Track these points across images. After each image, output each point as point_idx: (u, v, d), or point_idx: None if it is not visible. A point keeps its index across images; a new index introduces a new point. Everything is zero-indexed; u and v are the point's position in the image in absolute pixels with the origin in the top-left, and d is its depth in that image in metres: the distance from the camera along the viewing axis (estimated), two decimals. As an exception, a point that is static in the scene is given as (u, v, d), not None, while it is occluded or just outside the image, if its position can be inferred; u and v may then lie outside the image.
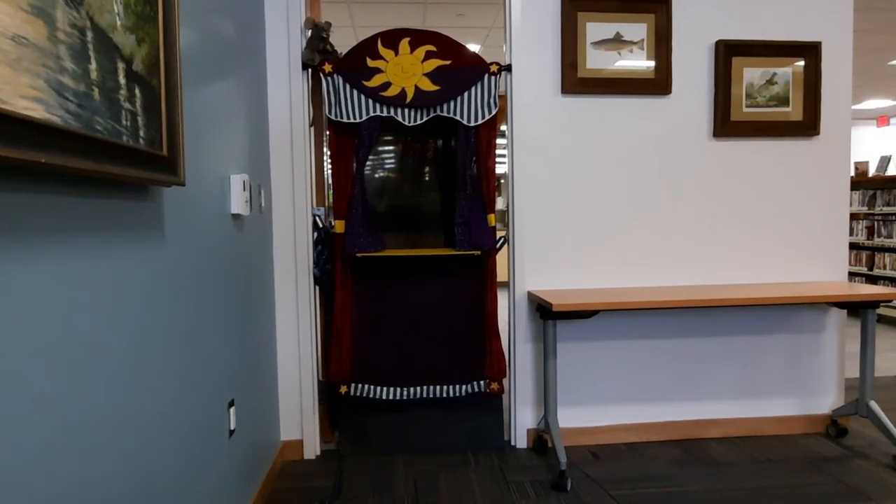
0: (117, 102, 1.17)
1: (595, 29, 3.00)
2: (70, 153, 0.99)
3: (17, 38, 0.86)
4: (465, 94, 2.91)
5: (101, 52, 1.11)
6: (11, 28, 0.85)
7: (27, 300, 0.98)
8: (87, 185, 1.17)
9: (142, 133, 1.28)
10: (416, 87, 2.88)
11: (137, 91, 1.26)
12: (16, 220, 0.95)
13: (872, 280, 6.52)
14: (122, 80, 1.19)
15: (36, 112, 0.90)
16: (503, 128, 3.07)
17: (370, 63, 2.88)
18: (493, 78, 2.92)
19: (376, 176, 3.15)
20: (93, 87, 1.08)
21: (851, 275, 6.65)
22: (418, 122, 2.92)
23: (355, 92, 2.88)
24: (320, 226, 3.03)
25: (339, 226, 2.94)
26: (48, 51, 0.94)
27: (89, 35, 1.07)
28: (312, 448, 3.03)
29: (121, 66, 1.19)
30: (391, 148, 3.15)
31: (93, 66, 1.08)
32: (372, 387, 3.00)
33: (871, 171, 7.13)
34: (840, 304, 3.06)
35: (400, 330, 3.03)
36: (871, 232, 6.59)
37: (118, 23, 1.18)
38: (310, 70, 2.95)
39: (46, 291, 1.03)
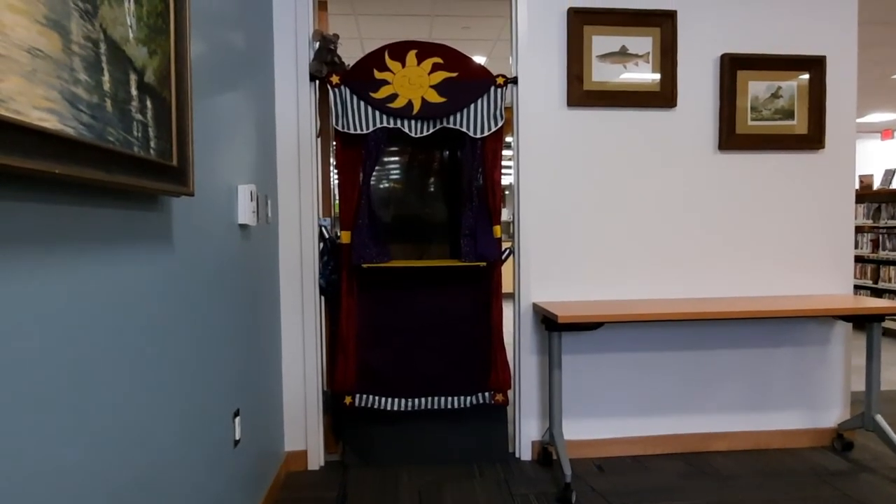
0: (129, 114, 1.18)
1: (601, 42, 3.01)
2: (83, 164, 1.01)
3: (32, 50, 0.87)
4: (472, 106, 2.92)
5: (114, 64, 1.13)
6: (27, 40, 0.86)
7: (37, 308, 0.99)
8: (99, 195, 1.18)
9: (152, 144, 1.29)
10: (423, 99, 2.90)
11: (149, 102, 1.27)
12: (29, 229, 0.96)
13: (877, 293, 6.49)
14: (134, 92, 1.20)
15: (50, 123, 0.91)
16: (509, 139, 3.08)
17: (377, 75, 2.90)
18: (499, 90, 2.94)
19: (382, 187, 3.16)
20: (105, 99, 1.09)
21: (856, 288, 6.63)
22: (425, 133, 2.93)
23: (362, 103, 2.89)
24: (326, 236, 3.04)
25: (345, 236, 2.95)
26: (62, 63, 0.95)
27: (103, 47, 1.08)
28: (316, 459, 3.02)
29: (133, 77, 1.20)
30: (397, 159, 3.17)
31: (106, 77, 1.09)
32: (377, 397, 2.99)
33: (876, 185, 7.12)
34: (846, 318, 3.05)
35: (405, 341, 3.03)
36: (875, 245, 6.57)
37: (131, 35, 1.20)
38: (317, 81, 2.97)
39: (56, 299, 1.04)
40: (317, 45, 2.94)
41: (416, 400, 3.00)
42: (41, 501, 0.99)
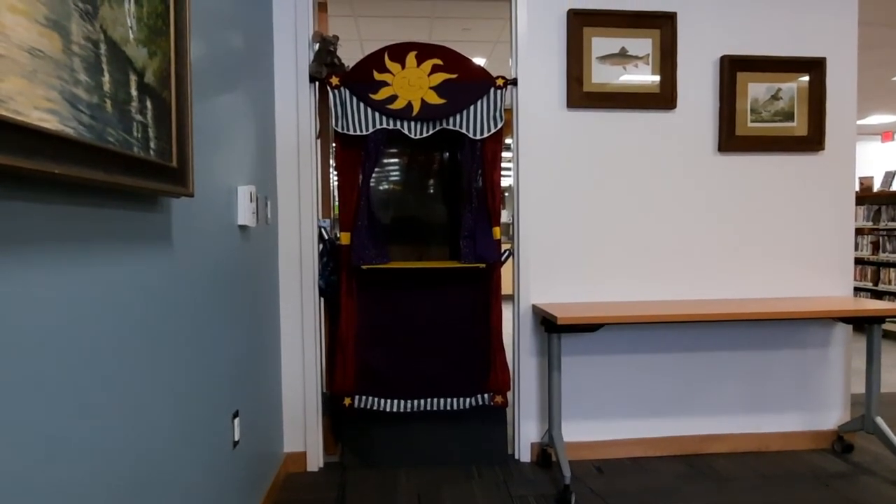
0: (129, 114, 1.18)
1: (600, 44, 3.02)
2: (83, 164, 1.01)
3: (32, 51, 0.87)
4: (471, 108, 2.92)
5: (114, 65, 1.13)
6: (27, 41, 0.86)
7: (34, 309, 0.99)
8: (99, 195, 1.18)
9: (152, 144, 1.29)
10: (423, 101, 2.90)
11: (149, 103, 1.28)
12: (27, 230, 0.96)
13: (877, 295, 6.50)
14: (133, 93, 1.20)
15: (50, 123, 0.91)
16: (508, 141, 3.08)
17: (377, 76, 2.90)
18: (498, 92, 2.94)
19: (382, 188, 3.16)
20: (105, 99, 1.09)
21: (856, 290, 6.63)
22: (424, 135, 2.93)
23: (362, 105, 2.90)
24: (326, 237, 3.04)
25: (344, 238, 2.95)
26: (63, 63, 0.95)
27: (103, 48, 1.08)
28: (315, 460, 3.02)
29: (133, 78, 1.20)
30: (397, 161, 3.17)
31: (106, 78, 1.09)
32: (376, 399, 2.99)
33: (876, 186, 7.12)
34: (846, 320, 3.05)
35: (404, 342, 3.03)
36: (875, 247, 6.57)
37: (131, 36, 1.20)
38: (317, 83, 2.97)
39: (54, 300, 1.04)
40: (316, 46, 2.94)
41: (416, 401, 3.00)
42: (37, 501, 0.99)
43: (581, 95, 3.01)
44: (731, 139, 3.10)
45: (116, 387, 1.25)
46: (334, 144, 3.00)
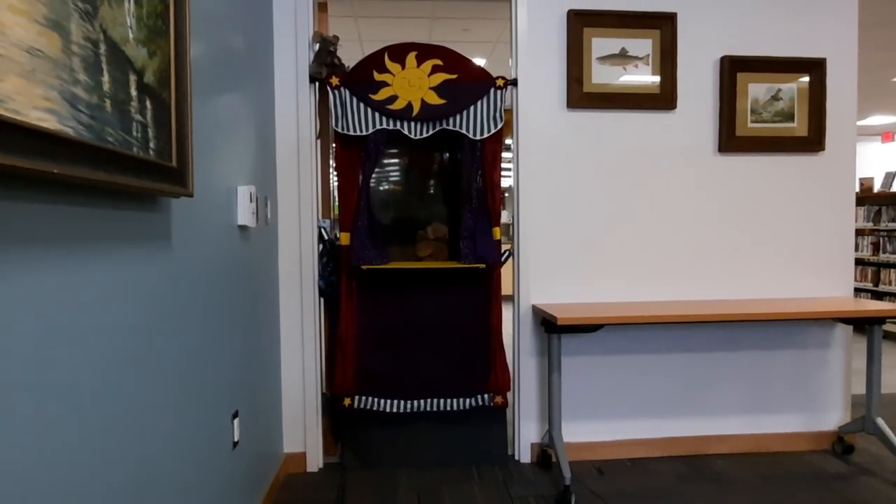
0: (128, 114, 1.18)
1: (601, 44, 3.01)
2: (82, 164, 1.00)
3: (31, 51, 0.87)
4: (471, 108, 2.92)
5: (114, 65, 1.13)
6: (26, 40, 0.86)
7: (33, 308, 0.99)
8: (98, 195, 1.18)
9: (152, 144, 1.29)
10: (423, 101, 2.90)
11: (148, 103, 1.27)
12: (26, 230, 0.96)
13: (878, 296, 6.49)
14: (133, 93, 1.20)
15: (49, 123, 0.91)
16: (508, 141, 3.08)
17: (377, 76, 2.90)
18: (498, 92, 2.94)
19: (382, 189, 3.16)
20: (105, 99, 1.09)
21: (856, 290, 6.62)
22: (424, 135, 2.93)
23: (362, 105, 2.89)
24: (325, 238, 3.03)
25: (344, 238, 2.95)
26: (62, 63, 0.95)
27: (102, 48, 1.08)
28: (315, 461, 3.02)
29: (132, 78, 1.20)
30: (397, 161, 3.17)
31: (105, 78, 1.09)
32: (376, 399, 2.99)
33: (877, 187, 7.11)
34: (846, 320, 3.05)
35: (404, 342, 3.03)
36: (876, 248, 6.57)
37: (130, 36, 1.20)
38: (317, 83, 2.97)
39: (53, 300, 1.04)
40: (317, 46, 2.94)
41: (415, 402, 2.99)
42: (39, 502, 0.98)
43: (581, 96, 3.01)
44: (731, 139, 3.09)
45: (115, 387, 1.25)
46: (334, 145, 3.00)
